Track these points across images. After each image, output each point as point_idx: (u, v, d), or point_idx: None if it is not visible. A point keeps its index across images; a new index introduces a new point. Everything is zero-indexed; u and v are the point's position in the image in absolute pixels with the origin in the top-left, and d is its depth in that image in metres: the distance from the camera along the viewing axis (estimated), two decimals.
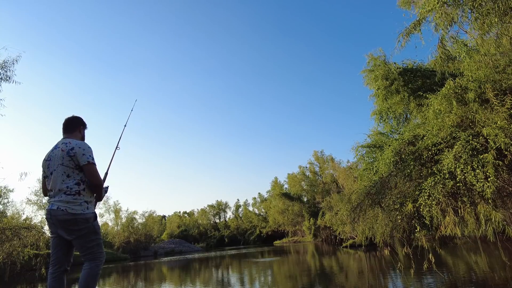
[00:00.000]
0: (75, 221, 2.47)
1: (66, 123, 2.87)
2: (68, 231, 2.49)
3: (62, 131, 2.85)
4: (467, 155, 5.77)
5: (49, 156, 2.68)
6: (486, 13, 5.50)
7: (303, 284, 9.61)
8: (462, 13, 5.84)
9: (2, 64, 9.35)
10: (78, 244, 2.53)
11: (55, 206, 2.49)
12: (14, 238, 12.33)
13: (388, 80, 9.32)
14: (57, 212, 2.47)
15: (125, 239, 36.52)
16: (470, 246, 13.42)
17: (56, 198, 2.52)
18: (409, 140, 7.29)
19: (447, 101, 6.38)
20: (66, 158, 2.56)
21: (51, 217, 2.49)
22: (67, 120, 2.89)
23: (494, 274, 8.02)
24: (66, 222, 2.47)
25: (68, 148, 2.58)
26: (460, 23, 6.01)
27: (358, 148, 9.86)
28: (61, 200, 2.50)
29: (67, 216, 2.46)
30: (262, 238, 54.38)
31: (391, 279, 8.90)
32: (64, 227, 2.48)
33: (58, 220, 2.47)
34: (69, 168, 2.56)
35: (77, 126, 2.89)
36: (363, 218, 7.88)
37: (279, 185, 48.64)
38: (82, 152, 2.58)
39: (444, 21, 5.92)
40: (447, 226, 6.30)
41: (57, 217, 2.47)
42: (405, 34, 6.57)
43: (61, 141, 2.73)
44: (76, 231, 2.49)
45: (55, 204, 2.50)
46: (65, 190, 2.51)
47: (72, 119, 2.91)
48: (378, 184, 7.50)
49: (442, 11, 5.86)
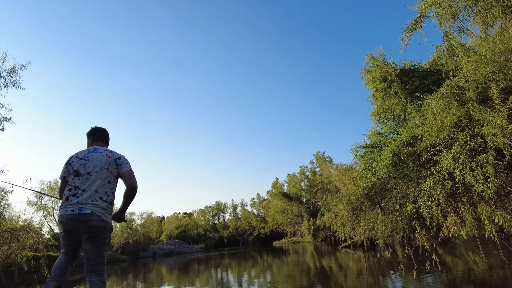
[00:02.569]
0: (105, 229, 2.45)
1: (104, 133, 2.94)
2: (93, 238, 2.40)
3: (96, 138, 2.88)
4: (466, 156, 5.80)
5: (85, 156, 2.64)
6: (490, 6, 5.51)
7: (302, 284, 9.62)
8: (466, 6, 5.84)
9: (9, 71, 9.65)
10: (94, 251, 2.41)
11: (89, 210, 2.39)
12: (13, 240, 12.30)
13: (385, 82, 9.36)
14: (91, 217, 2.38)
15: (124, 241, 36.41)
16: (469, 246, 13.47)
17: (90, 202, 2.43)
18: (407, 141, 7.32)
19: (445, 102, 6.41)
20: (112, 165, 2.63)
21: (78, 221, 2.36)
22: (104, 130, 2.97)
23: (493, 273, 8.06)
24: (97, 229, 2.40)
25: (116, 157, 2.69)
26: (462, 21, 6.03)
27: (357, 148, 9.90)
28: (96, 205, 2.44)
29: (100, 223, 2.41)
30: (261, 239, 54.34)
31: (390, 279, 8.92)
32: (92, 233, 2.39)
33: (88, 226, 2.38)
34: (112, 175, 2.62)
35: (109, 139, 3.00)
36: (363, 219, 7.90)
37: (279, 186, 48.67)
38: (126, 162, 2.72)
39: (447, 14, 5.92)
40: (449, 228, 6.32)
41: (89, 222, 2.38)
42: (407, 32, 6.60)
43: (101, 148, 2.77)
44: (101, 239, 2.43)
45: (88, 208, 2.40)
46: (103, 196, 2.51)
47: (106, 131, 2.99)
48: (378, 186, 7.53)
49: (445, 3, 5.86)
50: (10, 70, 9.80)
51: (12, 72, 9.81)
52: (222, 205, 66.75)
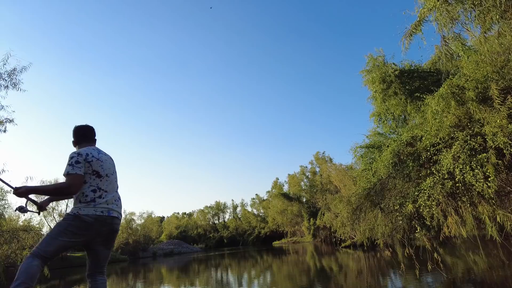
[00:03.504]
0: (117, 233, 2.49)
1: (93, 132, 2.72)
2: (112, 242, 2.42)
3: (91, 139, 2.68)
4: (466, 155, 5.80)
5: (99, 157, 2.48)
6: (487, 11, 5.52)
7: (302, 284, 9.62)
8: (463, 11, 5.85)
9: (9, 72, 9.72)
10: (107, 254, 2.44)
11: (116, 214, 2.39)
12: (13, 240, 12.32)
13: (385, 82, 9.37)
14: (117, 220, 2.39)
15: (124, 240, 36.44)
16: (469, 246, 13.47)
17: (114, 206, 2.41)
18: (407, 141, 7.33)
19: (444, 101, 6.42)
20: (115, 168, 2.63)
21: (106, 223, 2.32)
22: (92, 129, 2.73)
23: (493, 273, 8.06)
24: (116, 233, 2.44)
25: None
26: (462, 22, 6.04)
27: (357, 148, 9.91)
28: (119, 209, 2.45)
29: (119, 227, 2.45)
30: (261, 239, 54.37)
31: (390, 279, 8.92)
32: (112, 237, 2.41)
33: (112, 229, 2.38)
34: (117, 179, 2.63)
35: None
36: (364, 219, 7.91)
37: (279, 186, 48.69)
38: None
39: (445, 19, 5.94)
40: (450, 227, 6.32)
41: (114, 226, 2.38)
42: (407, 36, 6.61)
43: (101, 150, 2.61)
44: (114, 241, 2.48)
45: (115, 211, 2.40)
46: (119, 198, 2.52)
47: (93, 129, 2.79)
48: (378, 186, 7.53)
49: (443, 8, 5.87)
50: (10, 72, 9.86)
51: (13, 74, 9.88)
52: (222, 205, 66.78)
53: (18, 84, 9.95)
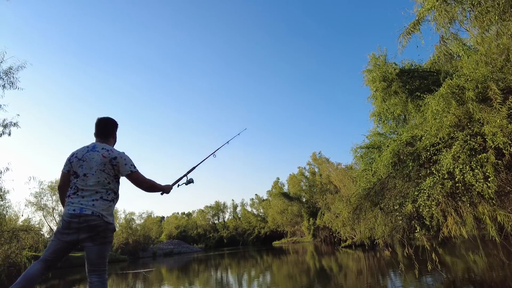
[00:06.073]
0: (106, 230, 2.43)
1: (104, 126, 2.71)
2: (94, 237, 2.38)
3: (97, 133, 2.70)
4: (466, 155, 5.80)
5: (83, 156, 2.54)
6: (486, 11, 5.52)
7: (302, 284, 9.62)
8: (462, 11, 5.86)
9: (6, 71, 9.73)
10: (96, 251, 2.40)
11: (89, 211, 2.37)
12: (13, 240, 12.33)
13: (385, 81, 9.38)
14: (92, 217, 2.36)
15: (124, 240, 36.44)
16: (469, 246, 13.47)
17: (90, 203, 2.41)
18: (407, 141, 7.33)
19: (444, 101, 6.42)
20: (108, 165, 2.51)
21: (79, 221, 2.34)
22: (104, 122, 2.73)
23: (493, 273, 8.06)
24: (96, 229, 2.37)
25: (111, 157, 2.53)
26: (461, 22, 6.03)
27: (356, 149, 9.92)
28: (95, 206, 2.41)
29: (101, 223, 2.39)
30: (261, 239, 54.37)
31: (390, 279, 8.92)
32: (92, 234, 2.37)
33: (88, 226, 2.36)
34: (109, 176, 2.52)
35: (113, 131, 2.79)
36: (364, 219, 7.91)
37: (279, 186, 48.69)
38: (124, 163, 2.57)
39: (444, 19, 5.94)
40: (450, 227, 6.32)
41: (90, 222, 2.36)
42: (405, 34, 6.61)
43: (99, 145, 2.61)
44: (102, 237, 2.41)
45: (89, 209, 2.38)
46: (103, 195, 2.47)
47: (109, 122, 2.75)
48: (377, 186, 7.53)
49: (442, 8, 5.88)
50: (6, 70, 9.86)
51: (9, 72, 9.88)
52: (222, 205, 66.78)
53: (15, 82, 9.97)
